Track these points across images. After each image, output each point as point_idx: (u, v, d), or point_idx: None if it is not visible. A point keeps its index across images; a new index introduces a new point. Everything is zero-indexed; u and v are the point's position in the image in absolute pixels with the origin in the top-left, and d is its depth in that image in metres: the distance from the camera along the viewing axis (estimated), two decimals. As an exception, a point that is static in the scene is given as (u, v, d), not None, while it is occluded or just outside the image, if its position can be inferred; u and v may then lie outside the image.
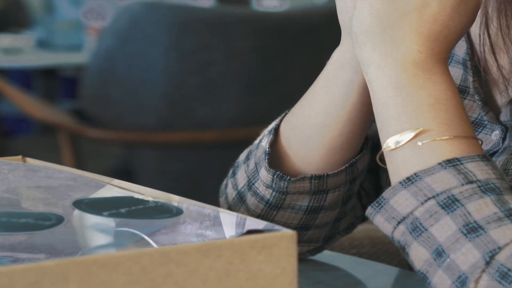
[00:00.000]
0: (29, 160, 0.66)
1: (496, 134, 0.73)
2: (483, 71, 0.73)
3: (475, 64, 0.76)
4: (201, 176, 2.09)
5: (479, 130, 0.74)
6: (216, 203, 0.80)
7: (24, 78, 3.23)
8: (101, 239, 0.58)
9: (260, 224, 0.54)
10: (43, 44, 2.79)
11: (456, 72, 0.77)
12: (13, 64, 2.81)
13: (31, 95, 2.75)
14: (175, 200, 0.60)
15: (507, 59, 0.68)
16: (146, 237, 0.56)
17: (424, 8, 0.66)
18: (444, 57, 0.67)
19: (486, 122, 0.74)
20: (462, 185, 0.61)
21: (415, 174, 0.62)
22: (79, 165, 2.10)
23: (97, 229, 0.57)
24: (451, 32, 0.66)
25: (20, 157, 0.67)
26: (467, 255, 0.59)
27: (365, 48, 0.66)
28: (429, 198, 0.61)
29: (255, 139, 0.80)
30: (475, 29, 0.71)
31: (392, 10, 0.66)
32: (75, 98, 2.75)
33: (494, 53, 0.68)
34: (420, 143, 0.63)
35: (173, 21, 1.94)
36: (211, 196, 0.93)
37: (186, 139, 2.02)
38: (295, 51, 2.07)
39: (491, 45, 0.68)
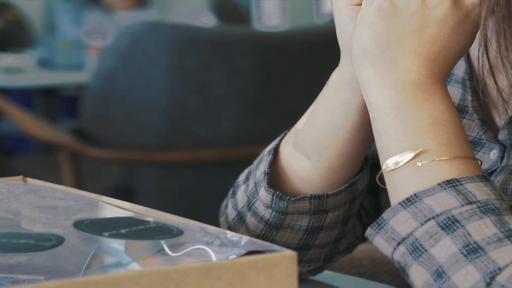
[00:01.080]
0: (30, 180, 0.66)
1: (494, 153, 0.73)
2: (482, 93, 0.73)
3: (474, 84, 0.76)
4: (201, 194, 2.08)
5: (478, 149, 0.74)
6: (216, 222, 0.81)
7: (25, 97, 3.24)
8: (102, 260, 0.58)
9: (260, 244, 0.54)
10: (44, 63, 2.80)
11: (455, 91, 0.77)
12: (14, 84, 2.82)
13: (32, 114, 2.76)
14: (176, 220, 0.60)
15: (506, 81, 0.68)
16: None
17: (423, 29, 0.66)
18: (443, 78, 0.67)
19: (484, 141, 0.74)
20: (462, 205, 0.61)
21: (414, 194, 0.62)
22: (79, 184, 2.10)
23: (97, 250, 0.57)
24: (450, 53, 0.67)
25: (21, 177, 0.67)
26: (467, 276, 0.59)
27: (365, 69, 0.67)
28: (429, 219, 0.61)
29: (255, 158, 0.81)
30: (474, 52, 0.72)
31: (391, 31, 0.66)
32: (76, 117, 2.76)
33: (493, 75, 0.69)
34: (419, 164, 0.63)
35: (174, 41, 1.95)
36: (211, 215, 0.93)
37: (186, 158, 2.02)
38: (296, 71, 2.07)
39: (490, 68, 0.68)
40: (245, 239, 0.56)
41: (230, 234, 0.57)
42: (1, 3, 3.49)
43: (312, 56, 2.06)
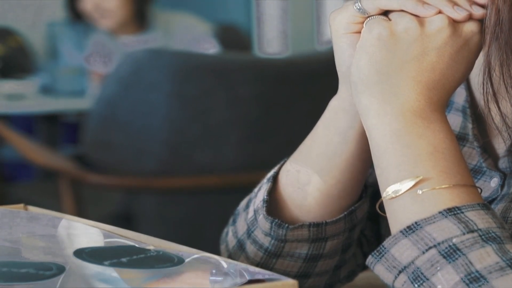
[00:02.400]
0: (31, 208, 0.66)
1: (494, 181, 0.73)
2: (487, 119, 0.73)
3: (475, 112, 0.76)
4: (202, 221, 2.08)
5: (478, 177, 0.74)
6: (217, 249, 0.81)
7: (26, 123, 3.24)
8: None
9: (261, 273, 0.54)
10: (46, 90, 2.81)
11: (456, 119, 0.77)
12: (16, 110, 2.82)
13: (33, 140, 2.76)
14: (177, 248, 0.60)
15: (510, 107, 0.69)
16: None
17: (422, 57, 0.66)
18: (442, 105, 0.67)
19: (485, 169, 0.74)
20: (463, 234, 0.61)
21: (415, 222, 0.62)
22: (80, 210, 2.10)
23: (98, 279, 0.57)
24: (449, 81, 0.67)
25: (22, 205, 0.67)
26: (469, 305, 0.58)
27: (364, 97, 0.67)
28: (430, 247, 0.61)
29: (256, 184, 0.81)
30: (477, 78, 0.72)
31: (390, 59, 0.66)
32: (77, 143, 2.76)
33: (497, 102, 0.69)
34: (420, 192, 0.63)
35: (176, 68, 1.96)
36: (212, 242, 0.93)
37: (187, 184, 2.02)
38: (297, 98, 2.08)
39: (494, 94, 0.68)
40: (246, 267, 0.55)
41: (231, 262, 0.57)
42: (4, 30, 3.51)
43: (313, 83, 2.06)
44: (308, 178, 0.75)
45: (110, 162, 2.06)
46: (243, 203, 0.82)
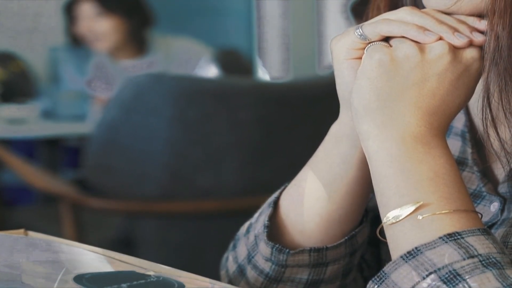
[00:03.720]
0: (31, 234, 0.66)
1: (494, 206, 0.73)
2: (486, 144, 0.73)
3: (474, 136, 0.76)
4: (202, 245, 2.08)
5: (478, 201, 0.74)
6: (218, 274, 0.80)
7: (27, 147, 3.24)
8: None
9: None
10: (47, 114, 2.82)
11: (455, 144, 0.77)
12: (17, 135, 2.83)
13: (34, 165, 2.76)
14: (177, 274, 0.60)
15: (509, 133, 0.69)
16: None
17: (423, 83, 0.67)
18: (443, 131, 0.67)
19: (484, 194, 0.74)
20: (464, 259, 0.61)
21: (416, 248, 0.62)
22: (80, 235, 2.10)
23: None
24: (449, 107, 0.67)
25: (22, 230, 0.67)
26: (470, 331, 0.58)
27: (365, 122, 0.67)
28: (430, 273, 0.61)
29: (257, 208, 0.81)
30: (476, 103, 0.72)
31: (391, 85, 0.67)
32: (78, 167, 2.76)
33: (495, 127, 0.69)
34: (420, 217, 0.63)
35: (178, 92, 1.96)
36: (212, 266, 0.92)
37: (187, 208, 2.02)
38: (298, 122, 2.08)
39: (493, 120, 0.68)
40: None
41: (230, 288, 0.57)
42: (6, 55, 3.52)
43: (314, 107, 2.07)
44: (309, 203, 0.76)
45: (111, 186, 2.06)
46: (243, 228, 0.82)
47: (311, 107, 2.07)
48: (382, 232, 0.66)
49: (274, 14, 4.65)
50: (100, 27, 3.04)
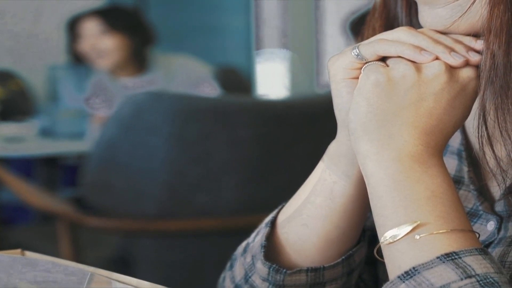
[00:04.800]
0: (28, 253, 0.66)
1: (491, 225, 0.73)
2: (482, 162, 0.73)
3: (470, 155, 0.76)
4: (200, 265, 2.07)
5: (475, 220, 0.74)
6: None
7: (25, 166, 3.24)
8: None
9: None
10: (46, 133, 2.81)
11: (451, 162, 0.77)
12: (15, 153, 2.82)
13: (32, 183, 2.75)
14: (173, 294, 0.60)
15: (505, 151, 0.69)
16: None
17: (420, 103, 0.67)
18: (440, 150, 0.67)
19: (481, 212, 0.74)
20: (461, 279, 0.60)
21: (413, 268, 0.62)
22: (78, 254, 2.09)
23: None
24: (446, 126, 0.67)
25: (19, 250, 0.67)
26: None
27: (362, 142, 0.67)
28: (428, 293, 0.60)
29: (256, 227, 0.80)
30: (471, 122, 0.72)
31: (388, 105, 0.67)
32: (77, 186, 2.76)
33: (491, 145, 0.69)
34: (417, 237, 0.63)
35: (176, 111, 1.96)
36: (211, 285, 0.92)
37: (186, 227, 2.01)
38: (297, 140, 2.08)
39: (489, 138, 0.68)
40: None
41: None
42: (5, 73, 3.53)
43: (313, 125, 2.07)
44: (306, 223, 0.75)
45: (109, 205, 2.06)
46: (240, 248, 0.81)
47: (309, 126, 2.07)
48: (379, 252, 0.66)
49: (273, 33, 4.67)
50: (104, 45, 3.05)
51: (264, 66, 4.72)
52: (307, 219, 0.75)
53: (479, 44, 0.69)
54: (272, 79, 4.69)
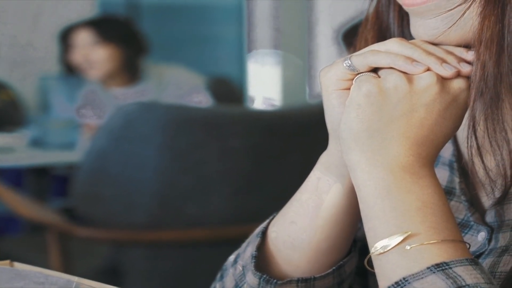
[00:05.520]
0: (17, 265, 0.66)
1: (482, 235, 0.73)
2: (471, 173, 0.73)
3: (462, 166, 0.77)
4: (191, 275, 2.06)
5: (466, 231, 0.74)
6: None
7: (15, 176, 3.23)
8: None
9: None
10: (36, 143, 2.81)
11: (443, 173, 0.77)
12: (5, 164, 2.81)
13: (22, 194, 2.74)
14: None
15: (494, 161, 0.69)
16: None
17: (411, 113, 0.67)
18: (431, 161, 0.67)
19: (472, 223, 0.74)
20: (452, 290, 0.60)
21: (403, 278, 0.62)
22: (68, 264, 2.08)
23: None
24: (437, 137, 0.67)
25: (8, 261, 0.66)
26: None
27: (353, 153, 0.67)
28: (418, 304, 0.60)
29: (247, 237, 0.80)
30: (461, 133, 0.72)
31: (379, 116, 0.67)
32: (67, 196, 2.75)
33: (481, 155, 0.69)
34: (408, 247, 0.63)
35: (167, 121, 1.96)
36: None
37: (176, 237, 2.01)
38: (288, 150, 2.08)
39: (478, 148, 0.69)
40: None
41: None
42: (-3, 84, 3.53)
43: (304, 135, 2.07)
44: (297, 233, 0.75)
45: (99, 215, 2.05)
46: (231, 258, 0.81)
47: (301, 136, 2.07)
48: (370, 262, 0.66)
49: (265, 43, 4.68)
50: (96, 56, 3.06)
51: (256, 76, 4.73)
52: (298, 229, 0.75)
53: (470, 55, 0.69)
54: (264, 89, 4.69)
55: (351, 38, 0.82)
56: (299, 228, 0.75)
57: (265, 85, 4.69)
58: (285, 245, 0.76)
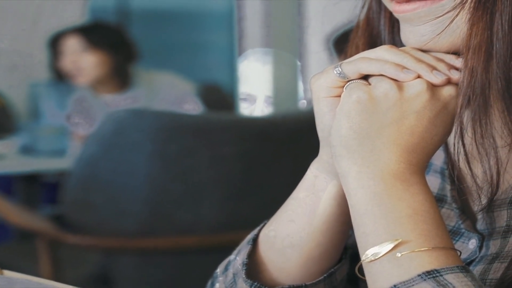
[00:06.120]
0: (7, 273, 0.65)
1: (473, 243, 0.73)
2: (457, 179, 0.74)
3: (452, 173, 0.77)
4: (182, 282, 2.06)
5: (457, 238, 0.74)
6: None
7: (5, 183, 3.21)
8: None
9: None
10: (26, 150, 2.80)
11: (434, 181, 0.77)
12: (-5, 170, 2.80)
13: (12, 201, 2.73)
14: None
15: (481, 168, 0.69)
16: None
17: (401, 121, 0.67)
18: (422, 168, 0.67)
19: (463, 231, 0.74)
20: (442, 297, 0.60)
21: (394, 286, 0.62)
22: (58, 272, 2.07)
23: None
24: (428, 144, 0.67)
25: (-3, 268, 0.66)
26: None
27: (344, 160, 0.67)
28: (409, 311, 0.60)
29: (237, 245, 0.80)
30: (451, 139, 0.73)
31: (370, 123, 0.67)
32: (57, 203, 2.74)
33: (468, 162, 0.69)
34: (399, 255, 0.63)
35: (158, 128, 1.96)
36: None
37: (167, 244, 2.00)
38: (279, 157, 2.08)
39: (466, 154, 0.69)
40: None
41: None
42: (-13, 91, 3.51)
43: (296, 142, 2.07)
44: (288, 241, 0.75)
45: (89, 222, 2.05)
46: (221, 265, 0.81)
47: (292, 142, 2.07)
48: (361, 270, 0.66)
49: (256, 50, 4.68)
50: (84, 62, 3.05)
51: (247, 81, 4.73)
52: (289, 236, 0.75)
53: (460, 62, 0.69)
54: (255, 95, 4.69)
55: (342, 44, 0.83)
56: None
57: (256, 90, 4.69)
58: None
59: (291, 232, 0.75)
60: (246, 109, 4.63)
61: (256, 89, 4.69)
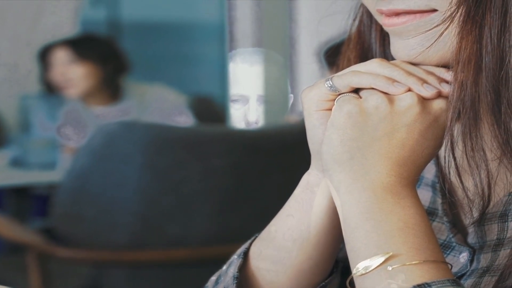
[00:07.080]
0: (-4, 286, 0.65)
1: (464, 256, 0.73)
2: (448, 193, 0.74)
3: (443, 186, 0.77)
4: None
5: (448, 252, 0.74)
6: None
7: (-5, 196, 3.21)
8: None
9: None
10: (16, 163, 2.79)
11: (425, 194, 0.77)
12: (-15, 184, 2.79)
13: (1, 213, 2.72)
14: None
15: (472, 181, 0.69)
16: None
17: (392, 134, 0.67)
18: (413, 181, 0.67)
19: (454, 244, 0.74)
20: (433, 311, 0.60)
21: (385, 299, 0.62)
22: (48, 285, 2.06)
23: None
24: (419, 157, 0.67)
25: (-14, 282, 0.66)
26: None
27: (335, 173, 0.67)
28: (400, 325, 0.60)
29: (228, 257, 0.80)
30: (442, 152, 0.73)
31: (361, 136, 0.67)
32: (47, 216, 2.73)
33: (459, 175, 0.69)
34: (390, 268, 0.63)
35: (148, 140, 1.96)
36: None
37: (158, 257, 2.00)
38: (270, 169, 2.08)
39: (457, 167, 0.69)
40: None
41: None
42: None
43: (286, 154, 2.07)
44: (279, 254, 0.75)
45: (80, 235, 2.04)
46: (212, 279, 0.81)
47: (283, 155, 2.07)
48: (352, 283, 0.66)
49: (247, 62, 4.69)
50: (73, 74, 3.05)
51: (238, 94, 4.74)
52: (280, 250, 0.75)
53: (450, 75, 0.69)
54: (246, 108, 4.69)
55: (333, 56, 0.83)
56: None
57: (246, 104, 4.69)
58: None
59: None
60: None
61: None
